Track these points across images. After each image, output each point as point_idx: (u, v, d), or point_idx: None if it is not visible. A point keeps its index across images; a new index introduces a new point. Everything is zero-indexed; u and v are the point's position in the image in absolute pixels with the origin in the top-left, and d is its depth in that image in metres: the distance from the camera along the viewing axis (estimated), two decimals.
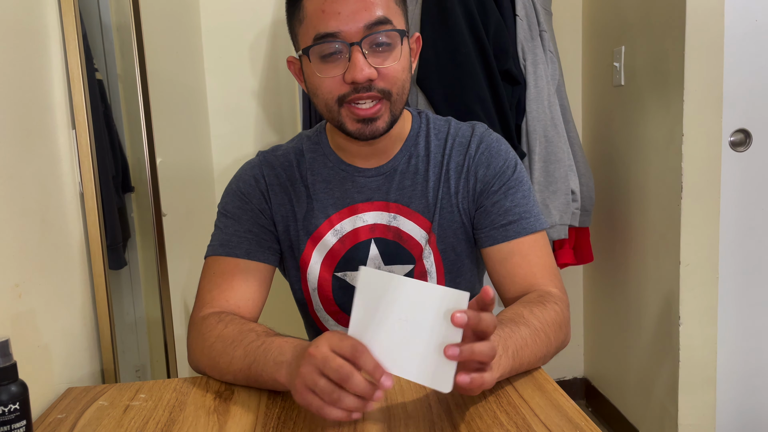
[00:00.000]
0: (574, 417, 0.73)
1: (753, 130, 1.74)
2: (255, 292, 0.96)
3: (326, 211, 0.99)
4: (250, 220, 0.98)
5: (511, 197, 0.96)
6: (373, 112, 0.87)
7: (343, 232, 0.98)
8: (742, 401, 1.85)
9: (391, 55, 0.86)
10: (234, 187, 1.01)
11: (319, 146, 1.01)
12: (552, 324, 0.85)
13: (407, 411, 0.77)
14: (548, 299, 0.89)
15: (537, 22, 1.86)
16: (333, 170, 0.99)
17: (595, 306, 2.35)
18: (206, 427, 0.76)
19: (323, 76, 0.87)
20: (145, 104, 1.34)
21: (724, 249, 1.77)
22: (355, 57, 0.83)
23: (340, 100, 0.87)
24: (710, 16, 1.66)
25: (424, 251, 0.98)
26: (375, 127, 0.88)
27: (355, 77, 0.84)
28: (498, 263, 0.96)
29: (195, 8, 2.08)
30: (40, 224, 0.93)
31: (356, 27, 0.83)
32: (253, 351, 0.81)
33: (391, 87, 0.87)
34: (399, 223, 0.98)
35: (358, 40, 0.84)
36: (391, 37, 0.86)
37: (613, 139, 2.12)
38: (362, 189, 0.98)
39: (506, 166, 0.97)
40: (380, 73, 0.86)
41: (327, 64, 0.86)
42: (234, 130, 2.15)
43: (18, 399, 0.66)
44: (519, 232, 0.95)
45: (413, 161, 0.99)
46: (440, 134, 1.00)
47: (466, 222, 0.99)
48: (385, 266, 0.99)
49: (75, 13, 1.04)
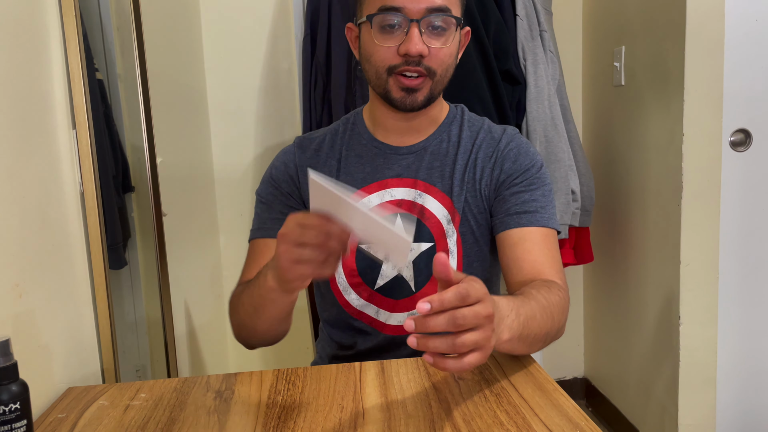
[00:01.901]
0: (575, 417, 0.73)
1: (753, 130, 1.74)
2: None
3: (355, 185, 1.04)
4: (281, 204, 1.06)
5: (531, 192, 1.01)
6: (416, 84, 0.95)
7: (371, 205, 1.03)
8: (742, 401, 1.85)
9: (445, 38, 0.95)
10: (267, 175, 1.10)
11: (355, 126, 1.09)
12: (557, 306, 0.88)
13: (407, 411, 0.77)
14: (552, 286, 0.92)
15: (537, 22, 1.86)
16: (366, 147, 1.07)
17: (596, 306, 2.35)
18: (206, 427, 0.76)
19: (380, 44, 0.95)
20: (145, 104, 1.34)
21: (724, 249, 1.77)
22: (413, 32, 0.92)
23: (390, 69, 0.95)
24: (710, 17, 1.66)
25: (447, 231, 1.02)
26: (414, 98, 0.96)
27: (409, 50, 0.92)
28: (508, 248, 0.99)
29: (195, 8, 2.08)
30: (40, 224, 0.93)
31: (419, 7, 0.92)
32: (251, 283, 0.92)
33: (437, 67, 0.96)
34: (424, 201, 1.03)
35: (418, 18, 0.92)
36: (447, 22, 0.95)
37: (613, 139, 2.12)
38: (393, 166, 1.05)
39: (532, 164, 1.03)
40: (431, 52, 0.94)
41: (385, 34, 0.94)
42: (234, 130, 2.15)
43: (18, 398, 0.66)
44: (532, 222, 0.99)
45: (444, 145, 1.05)
46: (473, 127, 1.07)
47: (487, 209, 1.04)
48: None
49: (75, 13, 1.04)
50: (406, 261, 0.69)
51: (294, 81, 2.14)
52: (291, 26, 2.12)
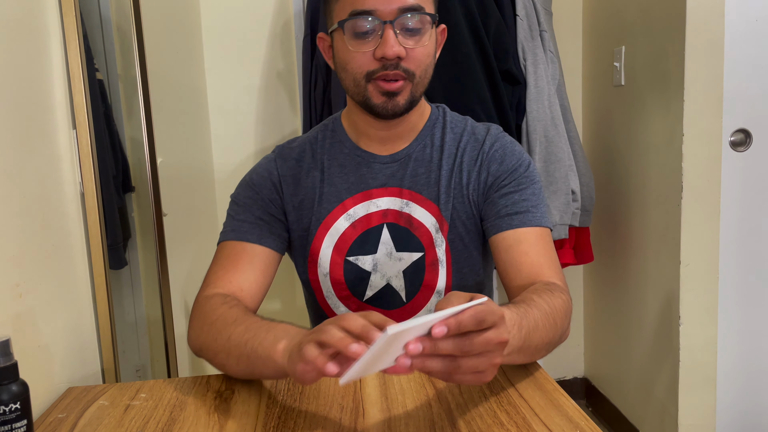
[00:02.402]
0: (575, 417, 0.73)
1: (753, 130, 1.74)
2: (259, 276, 0.98)
3: (339, 195, 1.02)
4: (261, 209, 1.02)
5: (521, 192, 0.98)
6: (396, 87, 0.92)
7: (356, 216, 1.01)
8: (742, 401, 1.85)
9: (420, 38, 0.92)
10: (247, 179, 1.06)
11: (335, 134, 1.05)
12: (560, 310, 0.85)
13: (407, 411, 0.77)
14: (554, 289, 0.89)
15: (537, 22, 1.86)
16: (349, 156, 1.03)
17: (596, 306, 2.35)
18: (207, 427, 0.76)
19: (355, 50, 0.91)
20: (145, 104, 1.34)
21: (724, 249, 1.77)
22: (387, 34, 0.89)
23: (368, 75, 0.92)
24: (710, 16, 1.66)
25: (435, 240, 1.00)
26: (396, 102, 0.93)
27: (386, 53, 0.89)
28: (504, 251, 0.96)
29: (195, 8, 2.08)
30: (40, 224, 0.93)
31: (391, 8, 0.89)
32: (255, 327, 0.81)
33: (416, 69, 0.92)
34: (411, 209, 1.01)
35: (391, 19, 0.89)
36: (422, 21, 0.92)
37: (613, 139, 2.12)
38: (377, 175, 1.02)
39: (519, 164, 1.00)
40: (408, 54, 0.91)
41: (359, 39, 0.91)
42: (234, 130, 2.15)
43: (19, 398, 0.66)
44: (525, 223, 0.96)
45: (428, 150, 1.02)
46: (456, 128, 1.04)
47: (476, 214, 1.01)
48: (396, 252, 1.01)
49: (75, 13, 1.04)
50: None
51: (294, 81, 2.14)
52: (291, 26, 2.12)
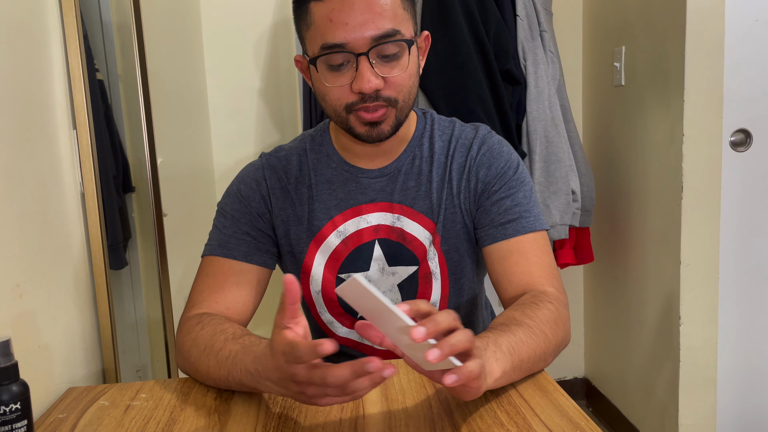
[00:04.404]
0: (575, 417, 0.73)
1: (753, 130, 1.74)
2: (247, 295, 0.96)
3: (329, 212, 0.99)
4: (249, 223, 0.98)
5: (512, 197, 0.96)
6: (378, 116, 0.88)
7: (347, 233, 0.98)
8: (742, 401, 1.85)
9: (399, 64, 0.87)
10: (235, 189, 1.01)
11: (322, 147, 1.01)
12: (547, 321, 0.84)
13: (407, 411, 0.77)
14: (541, 299, 0.88)
15: (537, 22, 1.86)
16: (336, 171, 0.99)
17: (596, 306, 2.35)
18: (207, 427, 0.76)
19: (331, 85, 0.87)
20: (145, 104, 1.34)
21: (724, 249, 1.77)
22: (362, 68, 0.84)
23: (348, 107, 0.88)
24: (710, 16, 1.66)
25: (428, 252, 0.98)
26: (380, 130, 0.89)
27: (362, 88, 0.84)
28: (496, 262, 0.95)
29: (195, 8, 2.08)
30: (40, 224, 0.93)
31: (363, 38, 0.83)
32: (224, 360, 0.80)
33: (398, 95, 0.88)
34: (403, 224, 0.98)
35: (365, 51, 0.84)
36: (399, 46, 0.86)
37: (613, 139, 2.12)
38: (366, 190, 0.98)
39: (507, 167, 0.97)
40: (387, 82, 0.86)
41: (334, 73, 0.86)
42: (235, 130, 2.15)
43: (19, 399, 0.66)
44: (518, 231, 0.94)
45: (417, 162, 0.99)
46: (444, 135, 1.01)
47: (468, 223, 0.99)
48: (389, 267, 0.99)
49: (76, 13, 1.04)
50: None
51: (294, 81, 2.14)
52: (291, 26, 2.12)
